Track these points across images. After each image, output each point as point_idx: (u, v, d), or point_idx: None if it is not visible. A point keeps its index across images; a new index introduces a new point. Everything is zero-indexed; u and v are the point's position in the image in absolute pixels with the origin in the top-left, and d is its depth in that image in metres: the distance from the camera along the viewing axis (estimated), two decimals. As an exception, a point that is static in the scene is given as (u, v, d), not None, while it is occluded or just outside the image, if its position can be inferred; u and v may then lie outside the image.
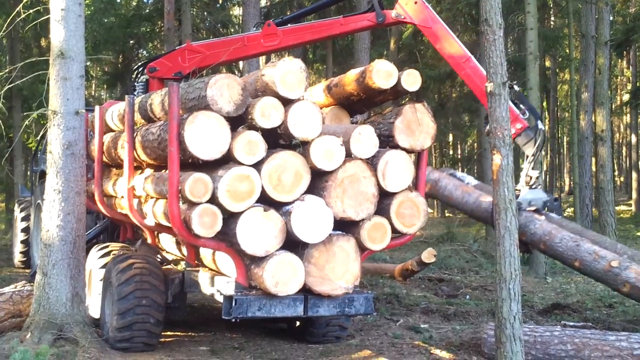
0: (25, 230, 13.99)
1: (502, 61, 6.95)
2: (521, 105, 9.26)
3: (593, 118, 21.54)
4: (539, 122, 9.25)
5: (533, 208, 9.16)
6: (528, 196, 9.18)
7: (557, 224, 9.30)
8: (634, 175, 33.82)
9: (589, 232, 10.09)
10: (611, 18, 24.80)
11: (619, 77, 43.06)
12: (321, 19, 11.44)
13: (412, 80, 7.06)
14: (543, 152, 9.35)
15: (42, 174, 11.30)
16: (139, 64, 13.02)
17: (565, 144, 43.79)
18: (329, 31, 10.84)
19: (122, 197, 7.95)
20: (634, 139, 37.28)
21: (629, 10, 32.44)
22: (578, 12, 23.33)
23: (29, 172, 24.89)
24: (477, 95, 9.76)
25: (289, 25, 11.04)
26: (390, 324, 9.65)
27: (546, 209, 9.44)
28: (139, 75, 11.86)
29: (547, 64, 32.84)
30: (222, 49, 11.23)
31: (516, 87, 9.44)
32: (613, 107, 38.36)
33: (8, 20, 8.86)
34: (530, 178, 9.23)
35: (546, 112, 35.57)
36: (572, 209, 22.84)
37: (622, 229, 22.51)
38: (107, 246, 9.11)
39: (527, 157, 9.28)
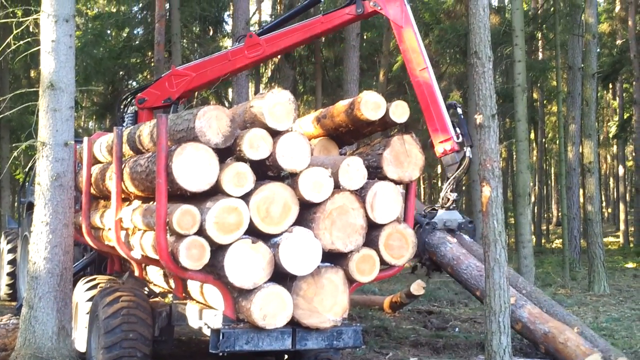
0: (12, 262, 13.86)
1: (492, 93, 7.00)
2: (457, 129, 9.33)
3: (580, 149, 21.67)
4: (468, 150, 9.33)
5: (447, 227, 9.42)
6: (444, 217, 9.31)
7: (468, 249, 9.43)
8: (622, 206, 33.98)
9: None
10: (598, 50, 25.03)
11: (606, 109, 43.42)
12: (301, 22, 11.46)
13: (400, 111, 7.09)
14: (464, 176, 9.51)
15: (30, 206, 11.23)
16: (125, 95, 13.04)
17: (553, 175, 44.04)
18: (311, 31, 10.91)
19: (110, 229, 7.90)
20: (621, 170, 37.52)
21: (616, 43, 32.81)
22: (565, 45, 23.60)
23: (16, 204, 24.80)
24: (421, 106, 9.83)
25: (270, 33, 11.11)
26: (380, 357, 9.58)
27: (461, 230, 9.58)
28: (127, 107, 11.87)
29: (535, 95, 33.12)
30: (207, 68, 11.29)
31: (459, 110, 9.55)
32: (600, 138, 38.62)
33: (-2, 52, 8.88)
34: (448, 200, 9.36)
35: (534, 144, 35.83)
36: (561, 240, 22.88)
37: (611, 261, 22.54)
38: (94, 279, 9.03)
39: (448, 178, 9.36)
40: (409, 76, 10.09)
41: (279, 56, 24.85)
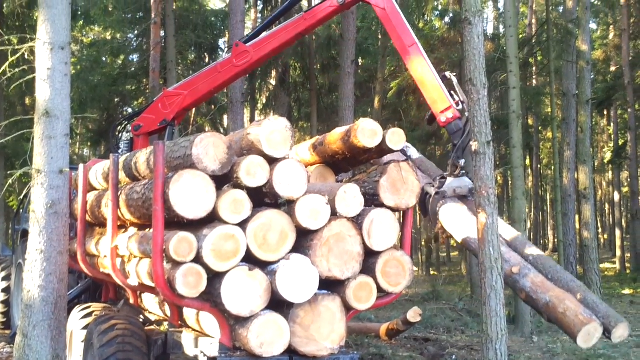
0: (6, 290, 13.79)
1: (487, 120, 7.03)
2: (455, 97, 9.32)
3: (576, 176, 21.73)
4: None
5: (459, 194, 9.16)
6: (454, 184, 9.10)
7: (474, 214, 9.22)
8: (618, 232, 33.99)
9: (507, 229, 9.93)
10: (592, 76, 25.18)
11: (601, 135, 43.60)
12: (285, 22, 11.53)
13: (396, 139, 7.09)
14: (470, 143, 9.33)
15: (24, 233, 11.18)
16: (119, 121, 13.07)
17: (548, 201, 44.08)
18: (296, 30, 10.96)
19: (105, 256, 7.86)
20: (616, 196, 37.59)
21: (610, 69, 33.04)
22: (559, 71, 23.74)
23: (10, 231, 24.72)
24: (416, 81, 9.87)
25: (256, 39, 11.17)
26: (377, 384, 9.51)
27: (473, 195, 9.41)
28: (121, 133, 11.87)
29: (530, 121, 33.26)
30: (198, 83, 11.32)
31: (454, 79, 9.56)
32: (595, 164, 38.74)
33: (-6, 79, 8.89)
34: (456, 167, 9.21)
35: (529, 170, 35.92)
36: (557, 266, 22.84)
37: (607, 287, 22.51)
38: (89, 307, 8.98)
39: (454, 146, 9.29)
40: (400, 55, 10.19)
41: (274, 84, 25.04)
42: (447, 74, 9.63)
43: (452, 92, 9.28)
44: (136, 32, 25.27)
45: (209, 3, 29.14)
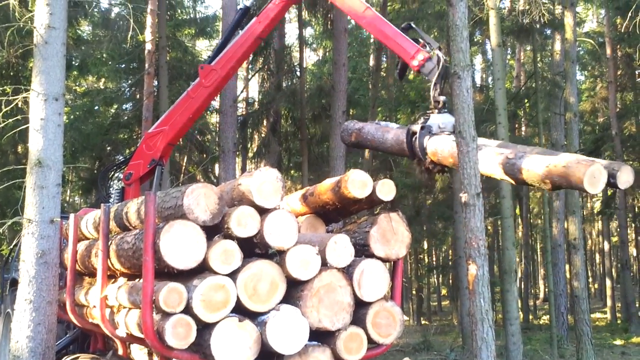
0: (-7, 339, 13.64)
1: (476, 172, 7.08)
2: (420, 40, 9.44)
3: (565, 225, 21.78)
4: (438, 51, 9.35)
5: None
6: (438, 120, 9.08)
7: None
8: (608, 282, 33.95)
9: (492, 141, 9.83)
10: (580, 127, 25.40)
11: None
12: (241, 32, 11.75)
13: (386, 189, 7.15)
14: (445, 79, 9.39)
15: (13, 282, 11.12)
16: (107, 168, 13.18)
17: (539, 251, 44.08)
18: (254, 34, 11.31)
19: (94, 306, 7.83)
20: (606, 245, 37.62)
21: (598, 120, 33.35)
22: (548, 122, 23.96)
23: (-1, 279, 24.49)
24: (379, 39, 10.18)
25: (219, 56, 11.42)
26: None
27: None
28: (110, 180, 11.95)
29: (519, 172, 33.32)
30: (175, 115, 11.51)
31: (414, 26, 9.73)
32: (585, 214, 38.84)
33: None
34: (439, 102, 9.14)
35: (519, 219, 35.96)
36: (548, 316, 22.78)
37: (598, 337, 22.39)
38: (77, 357, 8.90)
39: (433, 83, 9.26)
40: (358, 23, 10.50)
41: (265, 133, 25.17)
42: (406, 24, 9.89)
43: (418, 39, 9.48)
44: (129, 81, 25.45)
45: (201, 54, 29.39)
